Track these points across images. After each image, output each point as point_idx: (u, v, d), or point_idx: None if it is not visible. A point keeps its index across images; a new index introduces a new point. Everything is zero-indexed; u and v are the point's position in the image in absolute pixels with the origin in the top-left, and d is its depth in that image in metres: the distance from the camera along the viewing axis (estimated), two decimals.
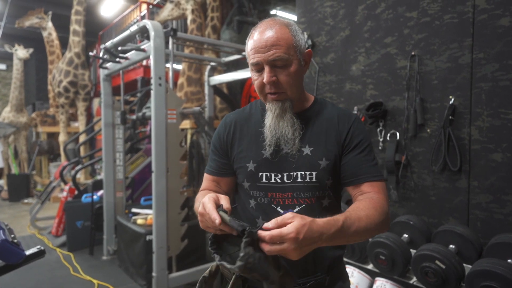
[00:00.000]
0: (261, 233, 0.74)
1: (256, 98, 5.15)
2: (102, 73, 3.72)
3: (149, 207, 3.51)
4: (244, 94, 5.49)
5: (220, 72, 5.00)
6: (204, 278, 1.00)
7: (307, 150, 1.00)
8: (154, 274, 2.74)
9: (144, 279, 3.04)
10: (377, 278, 1.91)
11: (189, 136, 4.67)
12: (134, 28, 2.94)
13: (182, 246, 2.93)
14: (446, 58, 1.98)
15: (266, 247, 0.74)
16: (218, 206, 0.84)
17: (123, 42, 3.26)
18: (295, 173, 0.99)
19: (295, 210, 0.98)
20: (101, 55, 3.46)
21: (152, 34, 2.75)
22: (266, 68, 0.94)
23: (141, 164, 4.55)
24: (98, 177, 5.21)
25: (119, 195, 3.81)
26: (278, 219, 0.75)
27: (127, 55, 3.25)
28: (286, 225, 0.74)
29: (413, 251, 1.79)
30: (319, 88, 2.68)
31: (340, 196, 1.08)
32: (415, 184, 2.11)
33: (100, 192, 4.16)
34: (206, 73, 4.52)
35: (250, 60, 0.97)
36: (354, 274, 2.04)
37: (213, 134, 1.14)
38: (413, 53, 2.10)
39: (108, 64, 3.62)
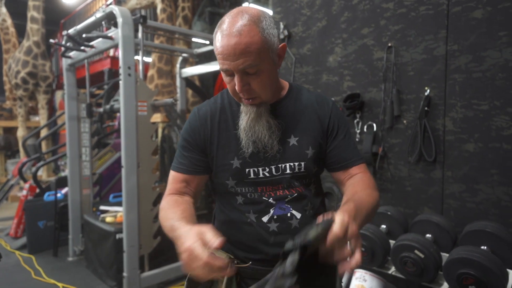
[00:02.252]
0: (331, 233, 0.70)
1: None
2: (65, 62, 3.49)
3: (119, 204, 3.34)
4: (216, 87, 5.38)
5: (192, 64, 4.85)
6: (190, 279, 0.96)
7: (293, 141, 0.98)
8: (125, 274, 2.61)
9: (114, 280, 2.90)
10: (356, 270, 1.91)
11: (160, 130, 4.51)
12: (100, 14, 2.76)
13: (155, 244, 2.81)
14: (422, 49, 1.99)
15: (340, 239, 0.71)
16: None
17: (88, 29, 3.06)
18: (283, 165, 0.97)
19: (286, 200, 0.97)
20: (63, 42, 3.23)
21: (120, 21, 2.59)
22: (237, 77, 0.87)
23: (109, 159, 4.34)
24: (62, 174, 4.92)
25: (85, 192, 3.61)
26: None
27: (93, 43, 3.06)
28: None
29: (391, 242, 1.80)
30: (296, 79, 2.64)
31: (320, 180, 1.09)
32: (391, 175, 2.13)
33: (64, 190, 3.93)
34: (178, 65, 4.37)
35: (219, 64, 0.88)
36: None
37: (184, 129, 1.03)
38: (389, 45, 2.11)
39: (72, 53, 3.40)
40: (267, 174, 0.97)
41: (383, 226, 1.93)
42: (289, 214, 0.97)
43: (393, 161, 2.13)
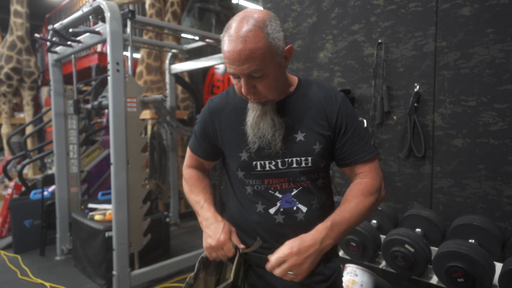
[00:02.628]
0: (267, 265, 0.91)
1: (218, 88, 5.00)
2: (50, 58, 3.41)
3: (108, 202, 3.29)
4: (206, 84, 5.34)
5: (182, 60, 4.81)
6: (203, 258, 1.04)
7: (300, 136, 1.00)
8: (114, 272, 2.58)
9: (103, 278, 2.86)
10: (347, 265, 1.92)
11: (149, 127, 4.46)
12: (87, 8, 2.70)
13: (145, 241, 2.78)
14: (412, 46, 2.01)
15: (276, 272, 0.90)
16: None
17: (74, 23, 2.99)
18: (290, 159, 0.99)
19: (293, 193, 1.00)
20: (49, 37, 3.16)
21: (108, 15, 2.54)
22: (243, 81, 0.91)
23: (98, 156, 4.28)
24: (49, 172, 4.83)
25: (73, 190, 3.55)
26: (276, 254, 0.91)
27: (80, 38, 2.99)
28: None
29: (382, 237, 1.82)
30: None
31: (329, 174, 1.12)
32: (382, 171, 2.15)
33: (51, 188, 3.85)
34: (167, 61, 4.32)
35: (226, 67, 0.92)
36: None
37: (198, 118, 1.12)
38: (379, 41, 2.12)
39: (58, 48, 3.32)
40: (273, 168, 1.00)
41: (374, 221, 1.95)
42: (295, 208, 1.00)
43: (383, 156, 2.15)
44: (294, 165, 0.99)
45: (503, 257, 1.59)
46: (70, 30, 2.91)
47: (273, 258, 0.89)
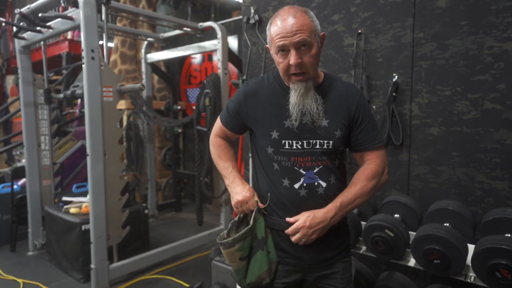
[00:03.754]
0: (287, 230, 1.16)
1: (195, 78, 4.92)
2: (18, 44, 3.23)
3: (83, 194, 3.20)
4: (183, 74, 5.24)
5: (157, 49, 4.69)
6: (234, 222, 1.23)
7: (324, 122, 1.16)
8: (92, 266, 2.52)
9: (80, 272, 2.79)
10: None
11: (125, 118, 4.34)
12: None
13: (124, 234, 2.73)
14: (390, 36, 2.05)
15: (292, 238, 1.15)
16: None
17: (43, 8, 2.84)
18: (314, 141, 1.16)
19: (315, 171, 1.16)
20: (16, 21, 2.98)
21: (81, 0, 2.43)
22: (293, 51, 1.06)
23: (71, 148, 4.12)
24: (18, 164, 4.61)
25: (46, 183, 3.41)
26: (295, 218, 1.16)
27: (50, 23, 2.85)
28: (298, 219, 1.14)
29: (362, 223, 1.87)
30: (267, 65, 2.63)
31: (344, 156, 1.32)
32: None
33: (21, 181, 3.69)
34: (143, 50, 4.20)
35: (276, 44, 1.08)
36: None
37: (233, 97, 1.27)
38: (359, 31, 2.15)
39: (26, 34, 3.15)
40: (299, 147, 1.16)
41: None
42: (316, 183, 1.17)
43: None
44: (317, 146, 1.16)
45: (474, 239, 1.68)
46: (40, 15, 2.76)
47: (290, 228, 1.14)
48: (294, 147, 1.16)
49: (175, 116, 4.81)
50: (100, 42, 2.67)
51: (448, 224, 1.67)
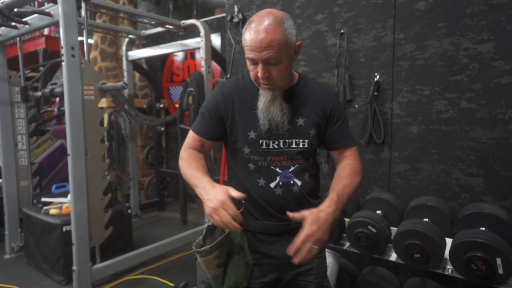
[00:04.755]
0: (291, 248, 1.01)
1: (178, 76, 4.86)
2: None
3: (64, 194, 3.12)
4: (165, 71, 5.18)
5: (139, 46, 4.61)
6: (209, 226, 1.19)
7: (300, 121, 1.18)
8: (74, 267, 2.47)
9: (61, 275, 2.73)
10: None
11: (106, 116, 4.26)
12: None
13: (107, 234, 2.68)
14: (372, 37, 2.10)
15: (303, 250, 0.99)
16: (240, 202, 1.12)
17: (19, 3, 2.74)
18: (290, 140, 1.18)
19: (290, 170, 1.18)
20: None
21: None
22: (260, 65, 1.06)
23: (49, 147, 4.01)
24: None
25: (23, 183, 3.31)
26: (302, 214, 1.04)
27: (27, 19, 2.76)
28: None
29: (346, 220, 1.91)
30: None
31: (316, 155, 1.29)
32: None
33: None
34: (124, 47, 4.12)
35: (246, 55, 1.08)
36: None
37: (208, 100, 1.24)
38: (342, 31, 2.19)
39: (0, 30, 3.03)
40: (276, 146, 1.17)
41: None
42: (291, 182, 1.18)
43: None
44: (293, 146, 1.18)
45: (452, 233, 1.75)
46: (15, 10, 2.67)
47: (298, 240, 0.99)
48: (271, 146, 1.17)
49: (158, 114, 4.75)
50: (80, 38, 2.61)
51: (427, 219, 1.73)
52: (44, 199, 3.08)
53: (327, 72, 2.28)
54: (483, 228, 1.58)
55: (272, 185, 1.18)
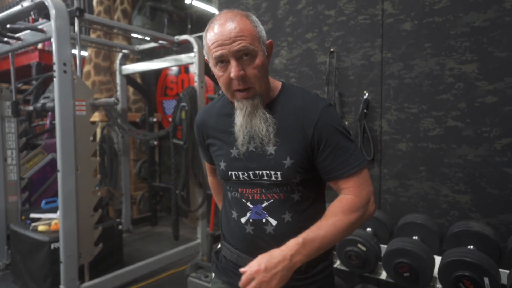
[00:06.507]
0: (240, 283, 0.88)
1: (171, 89, 4.88)
2: None
3: (53, 210, 3.08)
4: (159, 85, 5.21)
5: (133, 61, 4.64)
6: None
7: (270, 149, 0.97)
8: (62, 286, 2.42)
9: None
10: None
11: (98, 130, 4.25)
12: (27, 3, 2.50)
13: (96, 251, 2.65)
14: (361, 55, 2.14)
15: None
16: None
17: (11, 19, 2.76)
18: (260, 172, 0.98)
19: (263, 205, 0.99)
20: None
21: (52, 12, 2.38)
22: (233, 62, 0.89)
23: (40, 162, 3.97)
24: None
25: (12, 199, 3.27)
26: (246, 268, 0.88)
27: (20, 35, 2.77)
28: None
29: None
30: None
31: (317, 185, 1.04)
32: None
33: None
34: (118, 61, 4.15)
35: (213, 54, 0.91)
36: None
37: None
38: (332, 50, 2.23)
39: None
40: (246, 178, 1.00)
41: None
42: (264, 220, 0.99)
43: None
44: (265, 178, 0.97)
45: (441, 250, 1.75)
46: (8, 26, 2.68)
47: (243, 277, 0.86)
48: (241, 178, 1.00)
49: (151, 128, 4.75)
50: (73, 51, 2.63)
51: (416, 237, 1.74)
52: (32, 215, 3.04)
53: (318, 89, 2.31)
54: (471, 246, 1.59)
55: (243, 220, 1.01)
